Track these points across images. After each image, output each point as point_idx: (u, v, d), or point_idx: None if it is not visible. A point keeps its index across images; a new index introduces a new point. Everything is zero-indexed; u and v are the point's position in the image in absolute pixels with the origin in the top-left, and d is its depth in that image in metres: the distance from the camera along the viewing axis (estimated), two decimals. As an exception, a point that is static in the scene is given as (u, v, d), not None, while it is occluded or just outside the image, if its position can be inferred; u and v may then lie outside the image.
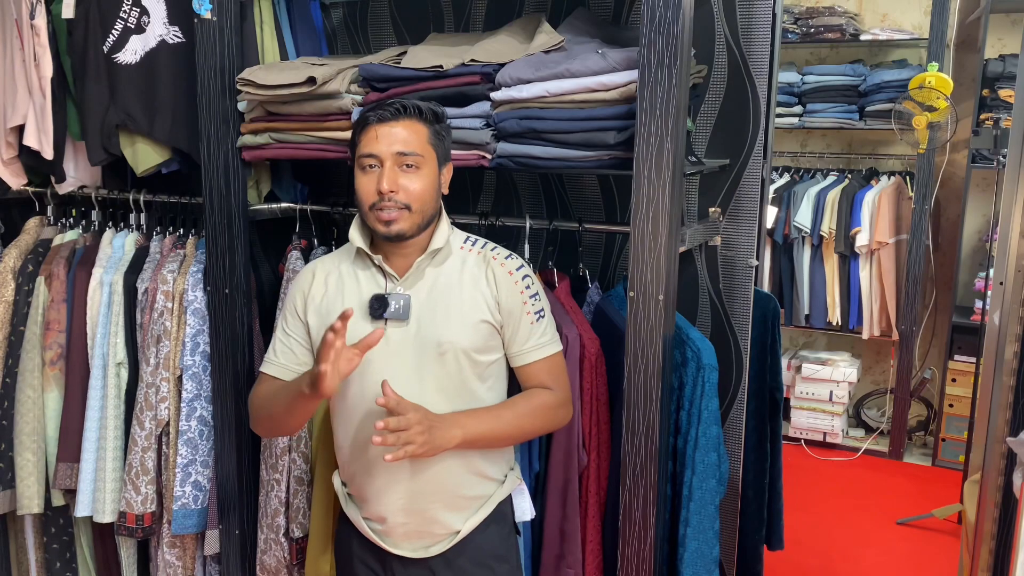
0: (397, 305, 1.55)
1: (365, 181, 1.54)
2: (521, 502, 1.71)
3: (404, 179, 1.52)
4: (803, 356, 4.36)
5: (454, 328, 1.55)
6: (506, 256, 1.62)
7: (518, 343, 1.60)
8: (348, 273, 1.63)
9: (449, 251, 1.61)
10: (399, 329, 1.56)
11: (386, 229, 1.53)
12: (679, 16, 1.49)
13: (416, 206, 1.53)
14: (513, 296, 1.59)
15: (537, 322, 1.61)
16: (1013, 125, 1.84)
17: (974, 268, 4.12)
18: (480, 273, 1.59)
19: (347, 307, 1.58)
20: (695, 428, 1.66)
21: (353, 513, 1.66)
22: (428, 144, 1.55)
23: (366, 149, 1.53)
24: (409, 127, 1.53)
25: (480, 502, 1.62)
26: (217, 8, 1.88)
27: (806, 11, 4.18)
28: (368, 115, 1.54)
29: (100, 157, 2.11)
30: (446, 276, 1.59)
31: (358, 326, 1.55)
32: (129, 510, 2.10)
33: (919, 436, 4.36)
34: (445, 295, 1.57)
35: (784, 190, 4.19)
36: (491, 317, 1.58)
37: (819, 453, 4.22)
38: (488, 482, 1.63)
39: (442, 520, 1.59)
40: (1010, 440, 1.65)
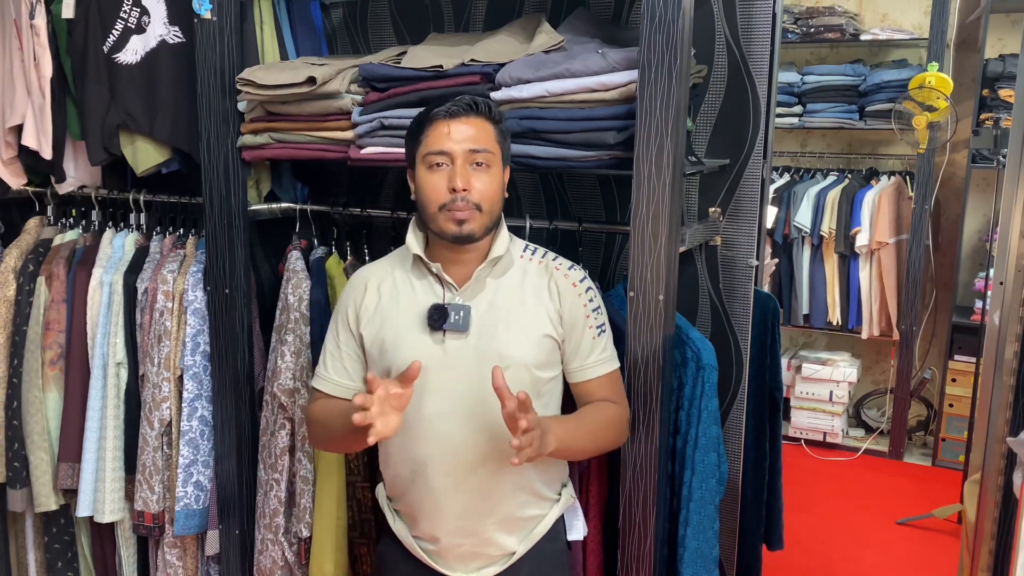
0: (457, 316, 1.49)
1: (434, 180, 1.46)
2: (573, 520, 1.66)
3: (475, 178, 1.46)
4: (803, 356, 4.36)
5: (516, 342, 1.49)
6: (569, 267, 1.57)
7: (580, 358, 1.55)
8: (403, 281, 1.56)
9: (510, 260, 1.55)
10: (458, 341, 1.49)
11: (458, 229, 1.46)
12: (679, 16, 1.49)
13: (487, 206, 1.47)
14: (577, 309, 1.53)
15: (599, 336, 1.55)
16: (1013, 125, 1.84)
17: (974, 268, 4.11)
18: (543, 284, 1.54)
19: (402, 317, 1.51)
20: (695, 428, 1.66)
21: (402, 531, 1.59)
22: (496, 142, 1.50)
23: (436, 146, 1.45)
24: (479, 124, 1.47)
25: (536, 522, 1.57)
26: (217, 8, 1.88)
27: (806, 11, 4.18)
28: (437, 111, 1.47)
29: (100, 157, 2.11)
30: (507, 287, 1.53)
31: (415, 337, 1.51)
32: (146, 509, 2.11)
33: (919, 436, 4.36)
34: (506, 307, 1.51)
35: (784, 190, 4.19)
36: (554, 331, 1.52)
37: (819, 453, 4.22)
38: (543, 501, 1.58)
39: (498, 541, 1.53)
40: (1010, 440, 1.64)
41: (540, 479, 1.56)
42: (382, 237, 2.19)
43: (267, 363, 2.05)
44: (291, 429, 1.98)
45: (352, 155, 1.85)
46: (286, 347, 1.97)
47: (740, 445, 2.02)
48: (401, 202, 2.16)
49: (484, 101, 1.50)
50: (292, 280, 1.98)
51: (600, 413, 1.54)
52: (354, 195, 2.21)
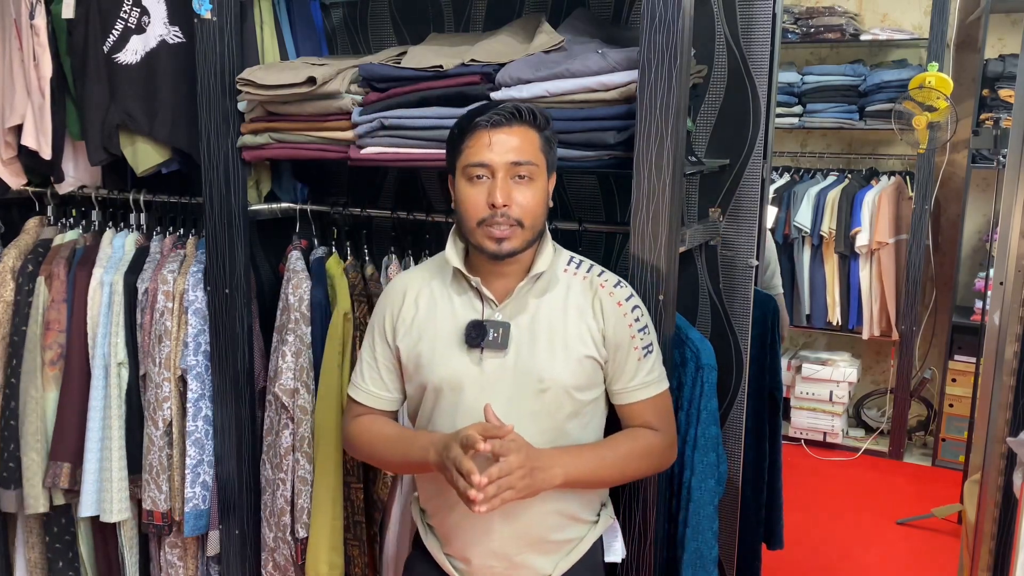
0: (495, 333, 1.43)
1: (473, 193, 1.40)
2: (612, 541, 1.60)
3: (517, 192, 1.39)
4: (803, 356, 4.36)
5: (557, 363, 1.43)
6: (615, 284, 1.49)
7: (623, 380, 1.48)
8: (441, 294, 1.50)
9: (553, 275, 1.48)
10: (496, 359, 1.44)
11: (497, 248, 1.40)
12: (679, 16, 1.49)
13: (528, 222, 1.41)
14: (621, 330, 1.46)
15: (645, 358, 1.49)
16: (1013, 125, 1.84)
17: (974, 268, 4.11)
18: (586, 303, 1.47)
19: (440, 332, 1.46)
20: (694, 428, 1.66)
21: (434, 547, 1.55)
22: (540, 152, 1.43)
23: (476, 157, 1.38)
24: (523, 134, 1.40)
25: (572, 545, 1.51)
26: (217, 8, 1.88)
27: (806, 11, 4.18)
28: (478, 119, 1.39)
29: (100, 157, 2.11)
30: (549, 304, 1.46)
31: (452, 353, 1.46)
32: (156, 508, 2.11)
33: (919, 436, 4.36)
34: (548, 326, 1.45)
35: (784, 190, 4.19)
36: (596, 352, 1.46)
37: (819, 453, 4.22)
38: (580, 524, 1.52)
39: (531, 565, 1.48)
40: (1010, 440, 1.64)
41: (577, 502, 1.50)
42: (382, 237, 2.19)
43: (268, 363, 2.05)
44: (292, 429, 1.98)
45: (352, 155, 1.85)
46: (286, 347, 1.97)
47: (740, 445, 2.02)
48: (401, 202, 2.16)
49: (528, 108, 1.42)
50: (292, 280, 1.98)
51: (632, 442, 1.48)
52: (354, 195, 2.21)
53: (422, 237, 2.04)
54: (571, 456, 1.41)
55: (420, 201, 2.15)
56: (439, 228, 2.03)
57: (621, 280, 1.52)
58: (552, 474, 1.36)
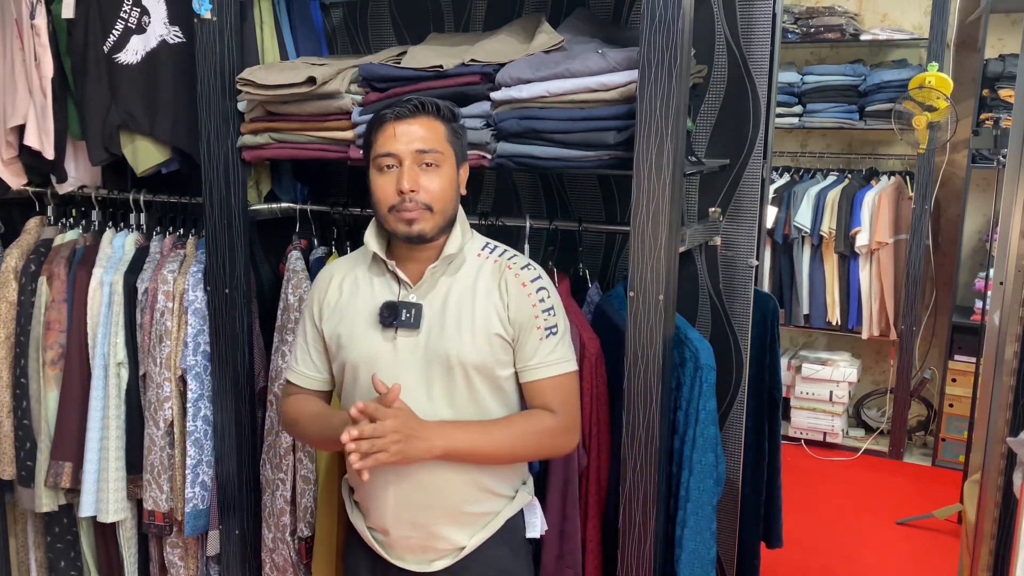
0: (408, 314, 1.50)
1: (383, 182, 1.49)
2: (532, 517, 1.65)
3: (424, 178, 1.47)
4: (803, 356, 4.36)
5: (465, 341, 1.49)
6: (523, 266, 1.55)
7: (523, 358, 1.53)
8: (363, 278, 1.58)
9: (463, 258, 1.55)
10: (409, 339, 1.51)
11: (408, 229, 1.48)
12: (679, 16, 1.49)
13: (438, 206, 1.48)
14: (524, 309, 1.52)
15: (547, 338, 1.53)
16: (1013, 125, 1.84)
17: (974, 268, 4.11)
18: (494, 283, 1.53)
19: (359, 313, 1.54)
20: (693, 428, 1.66)
21: (358, 522, 1.62)
22: (446, 142, 1.50)
23: (384, 148, 1.47)
24: (427, 124, 1.48)
25: (488, 518, 1.56)
26: (217, 8, 1.89)
27: (806, 11, 4.18)
28: (384, 112, 1.48)
29: (101, 157, 2.12)
30: (459, 285, 1.53)
31: (368, 333, 1.53)
32: (157, 508, 2.12)
33: (919, 436, 4.36)
34: (457, 306, 1.51)
35: (784, 190, 4.19)
36: (503, 330, 1.51)
37: (819, 453, 4.22)
38: (496, 498, 1.57)
39: (446, 535, 1.53)
40: (1010, 440, 1.65)
41: (491, 476, 1.55)
42: (382, 237, 2.19)
43: (268, 363, 2.05)
44: (291, 429, 1.98)
45: (352, 155, 1.85)
46: (287, 347, 1.97)
47: (740, 445, 2.02)
48: (401, 202, 2.16)
49: (432, 101, 1.50)
50: (292, 280, 1.98)
51: (525, 422, 1.53)
52: (354, 195, 2.21)
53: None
54: (455, 430, 1.47)
55: (420, 201, 2.15)
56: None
57: (531, 263, 1.58)
58: (430, 444, 1.43)
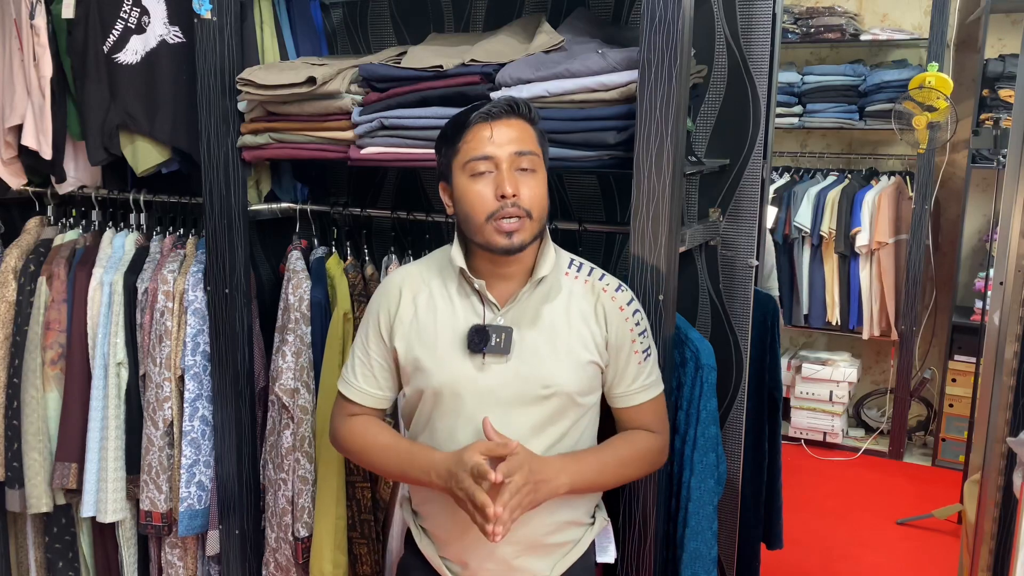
0: (498, 338, 1.40)
1: (479, 188, 1.36)
2: (605, 541, 1.60)
3: (522, 183, 1.37)
4: (803, 356, 4.36)
5: (562, 369, 1.42)
6: (616, 288, 1.49)
7: (624, 384, 1.48)
8: (441, 295, 1.47)
9: (555, 279, 1.47)
10: (498, 365, 1.42)
11: (508, 242, 1.36)
12: (679, 16, 1.49)
13: (537, 213, 1.39)
14: (623, 334, 1.46)
15: (644, 361, 1.49)
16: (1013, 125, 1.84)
17: (974, 268, 4.11)
18: (589, 307, 1.46)
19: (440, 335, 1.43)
20: (693, 428, 1.66)
21: (428, 550, 1.53)
22: (538, 144, 1.42)
23: (478, 151, 1.36)
24: (520, 127, 1.39)
25: (569, 547, 1.51)
26: (217, 8, 1.88)
27: (806, 11, 4.18)
28: (475, 114, 1.38)
29: (100, 157, 2.11)
30: (552, 309, 1.45)
31: (452, 356, 1.43)
32: (155, 509, 2.11)
33: (919, 436, 4.36)
34: (551, 331, 1.43)
35: (784, 190, 4.19)
36: (599, 358, 1.45)
37: (819, 453, 4.22)
38: (577, 527, 1.53)
39: (528, 567, 1.48)
40: (1010, 440, 1.64)
41: (574, 505, 1.50)
42: (382, 237, 2.19)
43: (269, 363, 2.05)
44: (293, 429, 1.98)
45: (352, 155, 1.85)
46: (287, 347, 1.97)
47: (740, 445, 2.02)
48: (401, 202, 2.16)
49: (523, 102, 1.42)
50: (292, 280, 1.98)
51: (631, 447, 1.49)
52: (354, 195, 2.21)
53: (422, 237, 2.04)
54: (575, 464, 1.41)
55: (420, 201, 2.15)
56: (439, 228, 2.03)
57: (622, 284, 1.52)
58: (557, 484, 1.36)
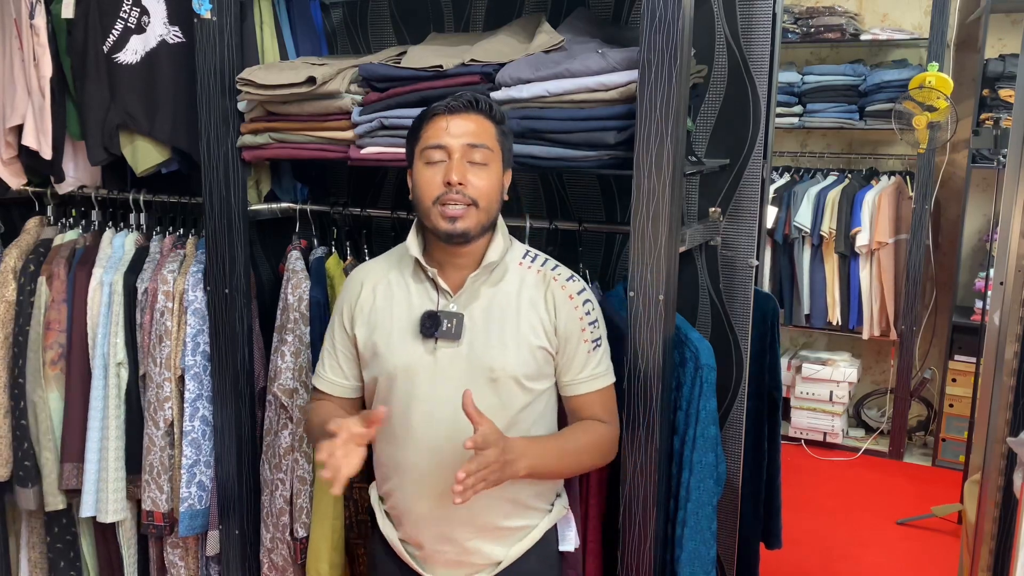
0: (449, 324, 1.47)
1: (430, 173, 1.45)
2: (566, 530, 1.63)
3: (472, 174, 1.44)
4: (803, 356, 4.36)
5: (509, 353, 1.48)
6: (568, 277, 1.54)
7: (572, 372, 1.53)
8: (398, 284, 1.55)
9: (506, 267, 1.53)
10: (449, 349, 1.48)
11: (450, 227, 1.44)
12: (679, 16, 1.49)
13: (483, 203, 1.45)
14: (572, 322, 1.51)
15: (594, 351, 1.53)
16: (1013, 125, 1.84)
17: (974, 268, 4.11)
18: (539, 295, 1.51)
19: (395, 321, 1.50)
20: (693, 428, 1.66)
21: (390, 533, 1.59)
22: (496, 141, 1.49)
23: (433, 140, 1.45)
24: (479, 121, 1.47)
25: (524, 532, 1.56)
26: (217, 8, 1.88)
27: (806, 11, 4.18)
28: (436, 105, 1.47)
29: (100, 157, 2.11)
30: (503, 296, 1.51)
31: (406, 343, 1.50)
32: (156, 509, 2.11)
33: (919, 436, 4.36)
34: (501, 317, 1.49)
35: (784, 190, 4.19)
36: (548, 343, 1.50)
37: (819, 453, 4.22)
38: (533, 512, 1.57)
39: (483, 551, 1.52)
40: (1010, 440, 1.64)
41: (532, 490, 1.54)
42: (382, 237, 2.19)
43: (268, 363, 2.05)
44: (291, 429, 1.98)
45: (352, 155, 1.85)
46: (286, 347, 1.97)
47: (740, 445, 2.02)
48: (401, 202, 2.16)
49: (486, 99, 1.50)
50: (292, 280, 1.98)
51: (586, 435, 1.52)
52: (354, 195, 2.21)
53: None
54: (537, 447, 1.45)
55: (420, 201, 2.15)
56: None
57: (574, 275, 1.57)
58: (518, 466, 1.39)
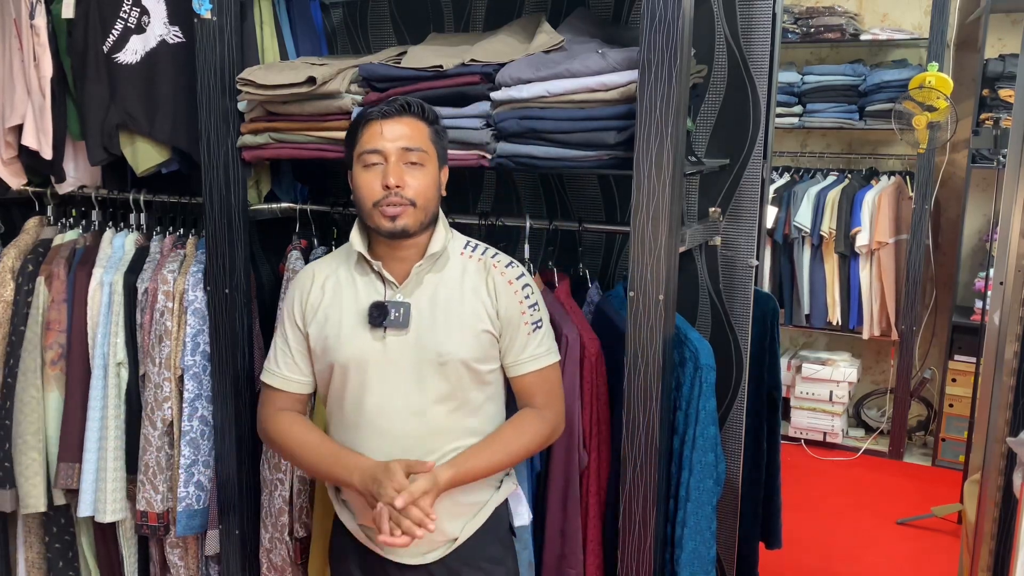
0: (397, 313, 1.53)
1: (368, 178, 1.52)
2: (518, 506, 1.70)
3: (408, 175, 1.51)
4: (803, 356, 4.36)
5: (455, 338, 1.53)
6: (507, 264, 1.61)
7: (514, 353, 1.59)
8: (346, 278, 1.61)
9: (448, 257, 1.59)
10: (398, 337, 1.54)
11: (391, 225, 1.50)
12: (679, 16, 1.49)
13: (420, 202, 1.52)
14: (512, 306, 1.57)
15: (534, 332, 1.59)
16: (1013, 125, 1.84)
17: (974, 268, 4.11)
18: (480, 281, 1.58)
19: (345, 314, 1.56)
20: (692, 428, 1.66)
21: (348, 519, 1.64)
22: (430, 142, 1.55)
23: (369, 145, 1.51)
24: (412, 124, 1.53)
25: (477, 508, 1.61)
26: (217, 8, 1.88)
27: (806, 11, 4.18)
28: (370, 111, 1.53)
29: (100, 157, 2.11)
30: (446, 284, 1.57)
31: (356, 334, 1.55)
32: (151, 509, 2.11)
33: (919, 436, 4.36)
34: (445, 304, 1.55)
35: (784, 190, 4.19)
36: (491, 326, 1.56)
37: (819, 453, 4.22)
38: (485, 488, 1.62)
39: (440, 527, 1.55)
40: (1010, 440, 1.65)
41: None
42: (382, 237, 2.19)
43: (267, 363, 2.05)
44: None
45: (352, 155, 1.85)
46: (286, 347, 1.97)
47: (740, 445, 2.02)
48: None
49: (417, 102, 1.55)
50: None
51: (521, 431, 1.58)
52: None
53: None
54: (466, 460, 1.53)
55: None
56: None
57: (513, 261, 1.62)
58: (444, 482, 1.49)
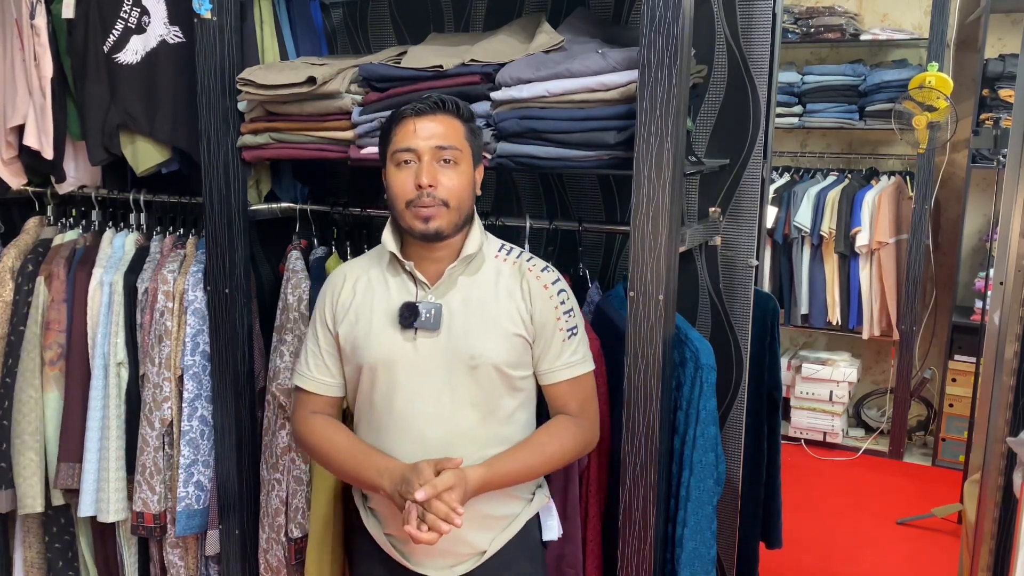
0: (428, 314, 1.50)
1: (402, 177, 1.48)
2: (548, 520, 1.66)
3: (442, 175, 1.48)
4: (803, 356, 4.36)
5: (488, 341, 1.50)
6: (543, 268, 1.58)
7: (548, 360, 1.55)
8: (378, 279, 1.58)
9: (482, 259, 1.56)
10: (429, 339, 1.51)
11: (424, 227, 1.47)
12: (679, 16, 1.49)
13: (454, 203, 1.48)
14: (547, 311, 1.54)
15: (569, 339, 1.55)
16: (1013, 125, 1.84)
17: (974, 268, 4.11)
18: (515, 285, 1.54)
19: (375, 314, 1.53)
20: (693, 428, 1.66)
21: (374, 528, 1.61)
22: (465, 140, 1.52)
23: (403, 143, 1.48)
24: (446, 122, 1.50)
25: (507, 521, 1.58)
26: (217, 8, 1.88)
27: (806, 11, 4.18)
28: (404, 109, 1.50)
29: (100, 157, 2.12)
30: (480, 286, 1.54)
31: (388, 334, 1.52)
32: (146, 510, 2.11)
33: (919, 436, 4.36)
34: (479, 306, 1.52)
35: (784, 190, 4.19)
36: (524, 331, 1.53)
37: (819, 453, 4.22)
38: (516, 501, 1.59)
39: (469, 540, 1.54)
40: (1010, 440, 1.65)
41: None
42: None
43: (268, 363, 2.05)
44: (289, 429, 1.98)
45: (352, 155, 1.85)
46: (285, 347, 1.97)
47: (740, 445, 2.02)
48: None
49: (452, 99, 1.52)
50: (292, 280, 1.98)
51: (558, 438, 1.54)
52: (354, 195, 2.21)
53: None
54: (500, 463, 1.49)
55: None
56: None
57: (549, 266, 1.59)
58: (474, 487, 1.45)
